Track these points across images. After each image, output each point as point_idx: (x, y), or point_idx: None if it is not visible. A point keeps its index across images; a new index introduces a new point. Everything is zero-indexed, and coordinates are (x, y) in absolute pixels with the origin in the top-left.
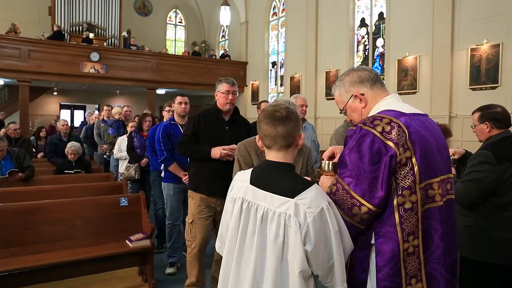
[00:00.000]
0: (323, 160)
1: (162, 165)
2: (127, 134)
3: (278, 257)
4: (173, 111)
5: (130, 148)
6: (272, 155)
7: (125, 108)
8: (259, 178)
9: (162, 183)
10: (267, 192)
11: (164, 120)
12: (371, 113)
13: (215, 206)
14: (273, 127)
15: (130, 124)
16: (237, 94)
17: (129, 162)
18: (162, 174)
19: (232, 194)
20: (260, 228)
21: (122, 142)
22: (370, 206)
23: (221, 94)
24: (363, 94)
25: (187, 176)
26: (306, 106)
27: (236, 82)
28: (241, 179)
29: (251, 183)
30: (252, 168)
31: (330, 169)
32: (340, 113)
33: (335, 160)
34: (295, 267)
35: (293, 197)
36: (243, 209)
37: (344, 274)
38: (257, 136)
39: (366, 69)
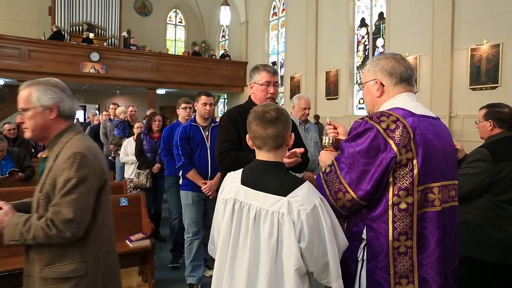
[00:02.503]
0: (325, 136)
1: (181, 171)
2: (134, 136)
3: (273, 256)
4: (190, 109)
5: (139, 152)
6: (263, 155)
7: (130, 108)
8: (250, 178)
9: (180, 191)
10: (259, 192)
11: (180, 119)
12: (383, 108)
13: None
14: (263, 128)
15: (137, 125)
16: (279, 87)
17: (138, 167)
18: (180, 181)
19: (224, 195)
20: (253, 228)
21: (128, 145)
22: (354, 196)
23: (259, 87)
24: (383, 85)
25: (207, 185)
26: (309, 109)
27: (277, 71)
28: (231, 180)
29: (242, 183)
30: (242, 169)
31: (330, 144)
32: (358, 84)
33: (339, 136)
34: (290, 265)
35: (285, 195)
36: (235, 210)
37: (339, 270)
38: (247, 136)
39: (404, 65)
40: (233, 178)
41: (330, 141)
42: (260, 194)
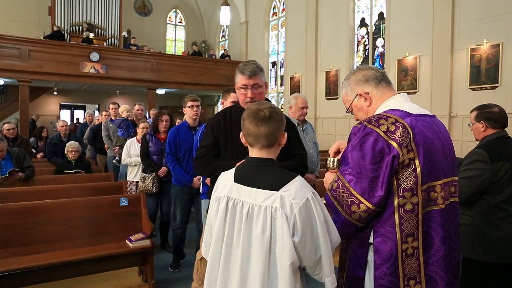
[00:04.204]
0: (329, 157)
1: (201, 178)
2: (138, 137)
3: (266, 252)
4: (197, 107)
5: (145, 155)
6: (255, 153)
7: (136, 107)
8: (243, 175)
9: (201, 200)
10: (251, 188)
11: (186, 119)
12: (378, 111)
13: None
14: (255, 126)
15: (142, 125)
16: (263, 87)
17: (143, 171)
18: (201, 189)
19: (217, 194)
20: (245, 225)
21: (131, 145)
22: (369, 205)
23: (238, 90)
24: (368, 93)
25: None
26: (307, 108)
27: (258, 70)
28: (225, 178)
29: (235, 181)
30: (235, 167)
31: (335, 166)
32: (347, 112)
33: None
34: (285, 260)
35: (277, 190)
36: (228, 207)
37: (332, 266)
38: (241, 133)
39: (373, 68)
40: (227, 176)
41: (335, 164)
42: (252, 190)
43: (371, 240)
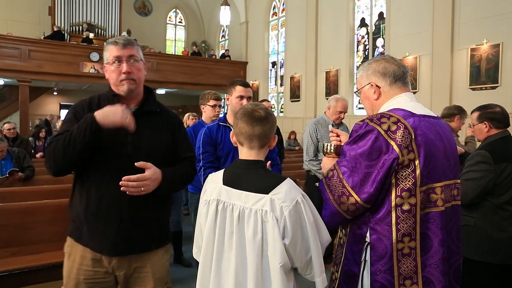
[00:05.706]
0: (326, 143)
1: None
2: None
3: (258, 254)
4: (219, 107)
5: None
6: (245, 153)
7: None
8: (232, 178)
9: None
10: (241, 191)
11: (204, 119)
12: (382, 109)
13: (113, 271)
14: (250, 126)
15: None
16: (141, 63)
17: None
18: None
19: (206, 197)
20: (237, 228)
21: None
22: (358, 199)
23: (108, 68)
24: (379, 87)
25: None
26: (345, 113)
27: (135, 42)
28: (213, 181)
29: (224, 184)
30: (224, 169)
31: (332, 151)
32: (355, 92)
33: (340, 143)
34: (275, 262)
35: (267, 193)
36: (218, 211)
37: (322, 265)
38: (231, 132)
39: (396, 64)
40: (215, 179)
41: (332, 148)
42: (242, 193)
43: (367, 237)
